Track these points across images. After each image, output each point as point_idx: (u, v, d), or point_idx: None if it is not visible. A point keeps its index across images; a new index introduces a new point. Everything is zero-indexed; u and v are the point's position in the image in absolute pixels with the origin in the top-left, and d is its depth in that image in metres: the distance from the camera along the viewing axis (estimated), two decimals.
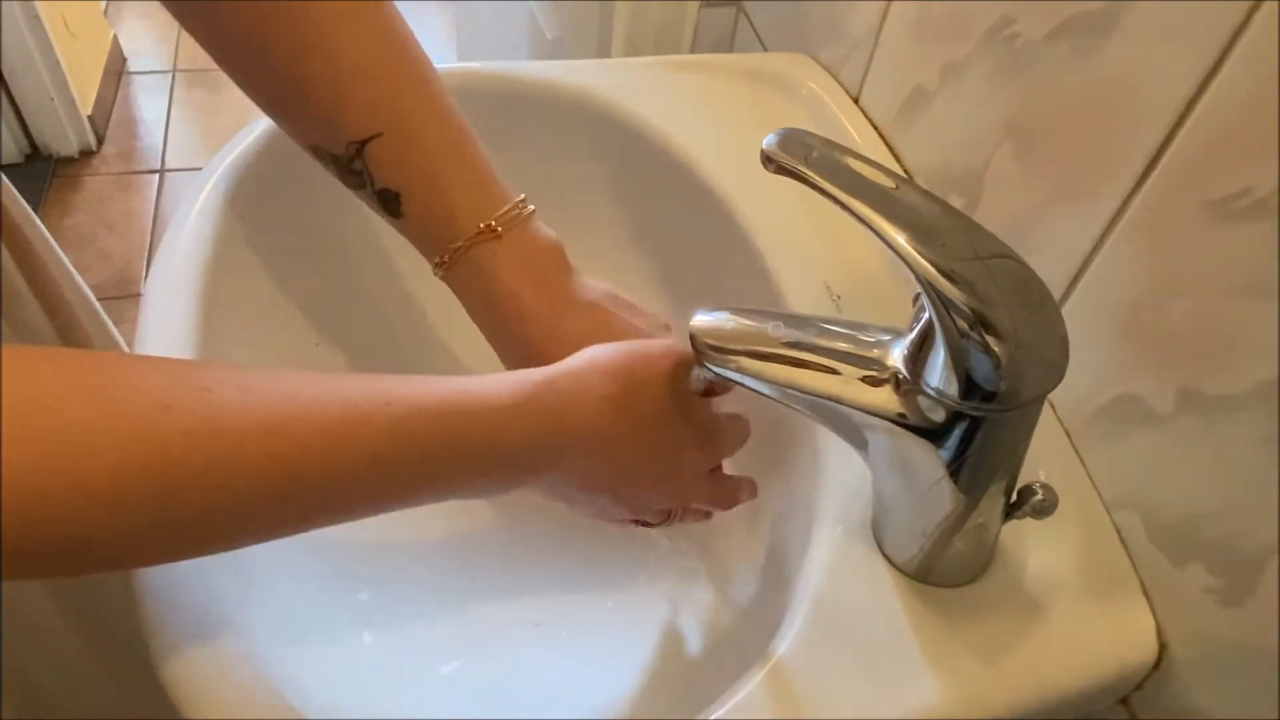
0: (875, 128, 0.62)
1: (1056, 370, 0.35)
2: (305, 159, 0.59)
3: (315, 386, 0.34)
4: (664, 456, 0.43)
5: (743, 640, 0.47)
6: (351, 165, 0.45)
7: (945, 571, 0.42)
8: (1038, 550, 0.44)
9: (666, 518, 0.46)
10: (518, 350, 0.46)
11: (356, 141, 0.44)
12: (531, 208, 0.47)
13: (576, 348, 0.42)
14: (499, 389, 0.38)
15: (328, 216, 0.60)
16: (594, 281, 0.48)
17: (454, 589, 0.53)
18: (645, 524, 0.46)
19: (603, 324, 0.46)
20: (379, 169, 0.45)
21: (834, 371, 0.38)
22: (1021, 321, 0.34)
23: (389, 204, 0.46)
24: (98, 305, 0.66)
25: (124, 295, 1.74)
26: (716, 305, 0.43)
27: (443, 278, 0.47)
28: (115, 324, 0.70)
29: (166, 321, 0.49)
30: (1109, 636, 0.42)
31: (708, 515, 0.48)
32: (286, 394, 0.33)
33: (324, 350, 0.59)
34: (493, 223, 0.45)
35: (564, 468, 0.40)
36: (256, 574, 0.45)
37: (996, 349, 0.34)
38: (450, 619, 0.51)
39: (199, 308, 0.50)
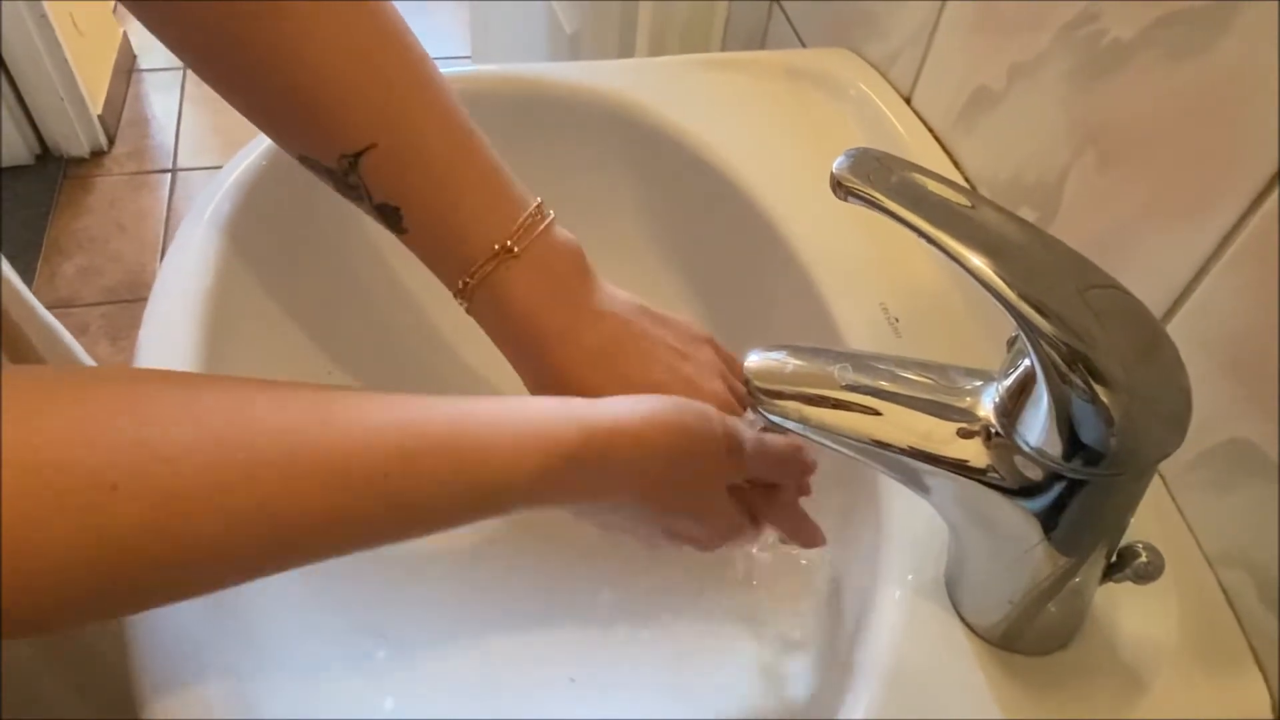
0: (930, 131, 0.57)
1: (1179, 428, 0.30)
2: None
3: (303, 446, 0.30)
4: (707, 497, 0.40)
5: (803, 714, 0.42)
6: (346, 179, 0.41)
7: (1033, 639, 0.38)
8: (1132, 611, 0.39)
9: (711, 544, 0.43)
10: (536, 370, 0.42)
11: (349, 154, 0.40)
12: (550, 214, 0.42)
13: (597, 362, 0.40)
14: (527, 457, 0.33)
15: (345, 233, 0.56)
16: (620, 292, 0.44)
17: (478, 643, 0.49)
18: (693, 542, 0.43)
19: (627, 338, 0.42)
20: (377, 182, 0.40)
21: (917, 425, 0.33)
22: (1135, 369, 0.30)
23: (390, 219, 0.42)
24: (66, 335, 0.62)
25: (137, 299, 1.71)
26: (770, 341, 0.39)
27: (465, 307, 0.43)
28: (129, 329, 0.66)
29: (166, 353, 0.45)
30: (1218, 709, 0.38)
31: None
32: (269, 461, 0.29)
33: (338, 379, 0.55)
34: (508, 242, 0.41)
35: (603, 510, 0.39)
36: (263, 635, 0.41)
37: (1108, 402, 0.29)
38: (476, 678, 0.47)
39: (203, 337, 0.46)
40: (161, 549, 0.27)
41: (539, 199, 0.42)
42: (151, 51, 2.27)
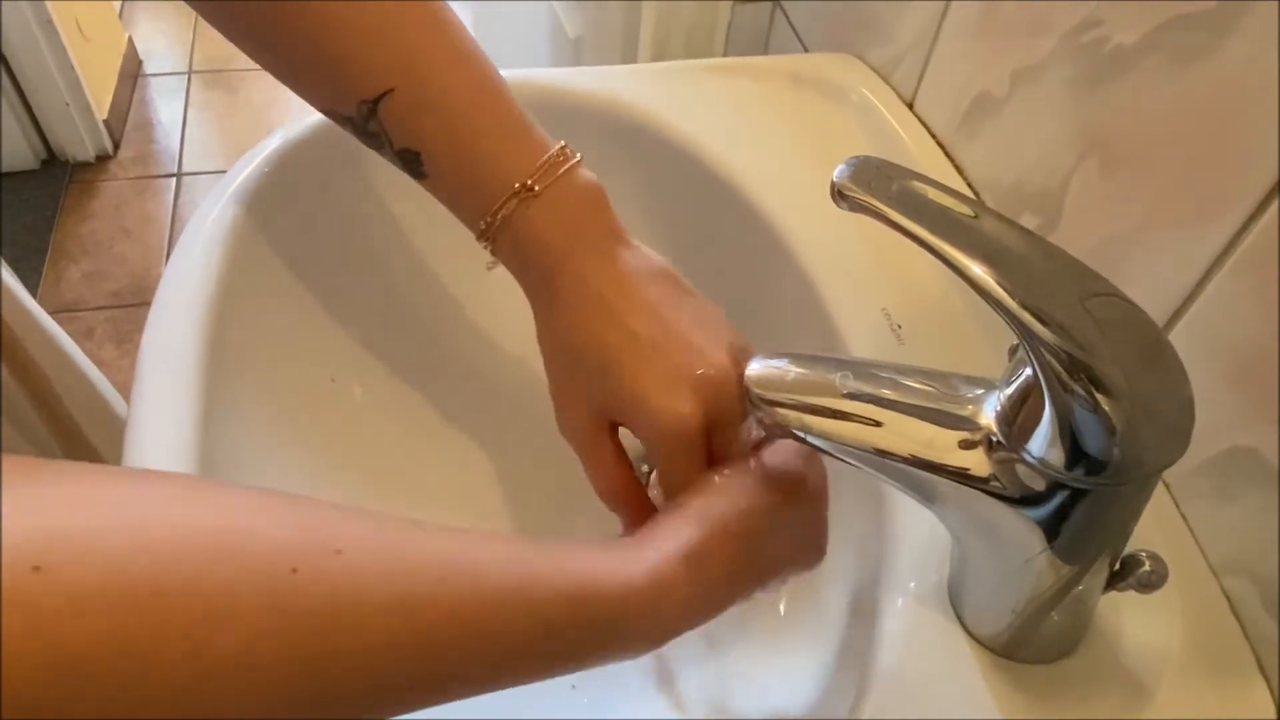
0: (933, 136, 0.57)
1: (1181, 438, 0.30)
2: (320, 177, 0.55)
3: (452, 557, 0.30)
4: (775, 544, 0.38)
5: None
6: (366, 126, 0.41)
7: (1036, 648, 0.38)
8: (1136, 620, 0.39)
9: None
10: (547, 313, 0.41)
11: (368, 100, 0.40)
12: (576, 156, 0.42)
13: (597, 311, 0.39)
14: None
15: (349, 237, 0.56)
16: (652, 253, 0.42)
17: None
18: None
19: (634, 296, 0.40)
20: (396, 128, 0.41)
21: (918, 433, 0.33)
22: (1137, 377, 0.30)
23: (411, 164, 0.42)
24: (67, 342, 0.62)
25: (142, 303, 1.71)
26: (771, 346, 0.39)
27: (489, 249, 0.43)
28: (134, 332, 0.66)
29: (168, 360, 0.45)
30: (1222, 717, 0.38)
31: None
32: (422, 564, 0.29)
33: (341, 385, 0.55)
34: (529, 181, 0.40)
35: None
36: None
37: (1110, 411, 0.29)
38: None
39: (206, 341, 0.46)
40: (346, 644, 0.26)
41: (563, 142, 0.42)
42: (157, 56, 2.28)
